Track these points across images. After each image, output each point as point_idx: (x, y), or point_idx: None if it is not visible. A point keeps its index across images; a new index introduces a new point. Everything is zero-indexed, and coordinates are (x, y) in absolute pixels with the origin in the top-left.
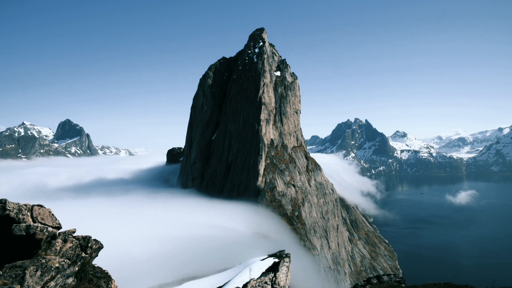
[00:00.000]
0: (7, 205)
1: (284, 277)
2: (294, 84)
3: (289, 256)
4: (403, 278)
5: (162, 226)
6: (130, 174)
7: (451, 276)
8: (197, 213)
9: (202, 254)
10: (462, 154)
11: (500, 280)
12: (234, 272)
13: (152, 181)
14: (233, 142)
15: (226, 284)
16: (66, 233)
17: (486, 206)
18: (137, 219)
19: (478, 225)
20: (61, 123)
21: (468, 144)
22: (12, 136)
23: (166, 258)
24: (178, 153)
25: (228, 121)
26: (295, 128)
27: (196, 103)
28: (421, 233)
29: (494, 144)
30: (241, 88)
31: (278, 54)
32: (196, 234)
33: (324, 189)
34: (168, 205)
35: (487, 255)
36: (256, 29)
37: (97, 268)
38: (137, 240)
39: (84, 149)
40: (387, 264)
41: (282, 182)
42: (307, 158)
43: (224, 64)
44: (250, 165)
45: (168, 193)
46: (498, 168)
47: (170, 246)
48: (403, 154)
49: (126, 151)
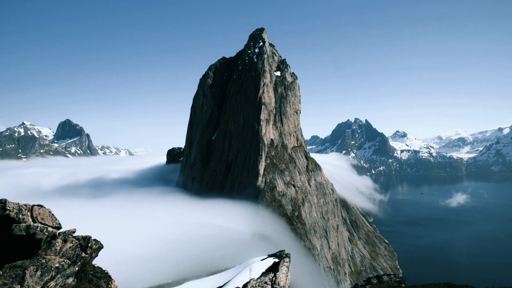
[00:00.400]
0: (7, 205)
1: (284, 277)
2: (294, 84)
3: (289, 256)
4: (403, 278)
5: (162, 226)
6: (130, 174)
7: (451, 276)
8: (197, 213)
9: (202, 254)
10: (462, 154)
11: (500, 280)
12: (234, 272)
13: (152, 181)
14: (233, 142)
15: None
16: (66, 233)
17: (486, 206)
18: (137, 219)
19: (478, 225)
20: (61, 123)
21: (468, 144)
22: (12, 136)
23: (166, 258)
24: (178, 153)
25: (228, 121)
26: (295, 128)
27: (196, 103)
28: (421, 233)
29: (494, 144)
30: (241, 88)
31: (278, 54)
32: (196, 234)
33: (324, 189)
34: (168, 205)
35: (487, 255)
36: (256, 29)
37: (97, 268)
38: (137, 240)
39: (84, 149)
40: (387, 264)
41: (282, 182)
42: (307, 158)
43: (224, 64)
44: (250, 165)
45: (167, 193)
46: (498, 168)
47: (170, 246)
48: (403, 154)
49: (126, 151)
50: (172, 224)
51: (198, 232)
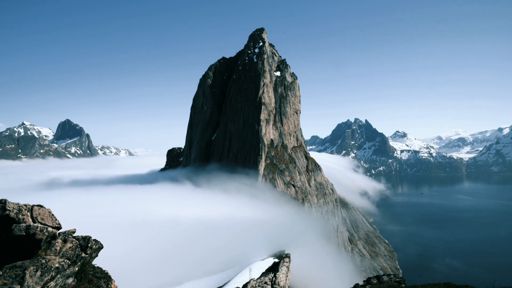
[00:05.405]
0: (7, 205)
1: (284, 277)
2: (294, 84)
3: (289, 256)
4: (403, 278)
5: (161, 226)
6: (130, 174)
7: (451, 276)
8: (197, 213)
9: (202, 254)
10: (462, 154)
11: (500, 280)
12: (234, 272)
13: (152, 181)
14: (233, 142)
15: (226, 284)
16: (66, 233)
17: (486, 206)
18: (137, 219)
19: (478, 225)
20: (61, 123)
21: (468, 144)
22: (12, 136)
23: (166, 258)
24: (178, 153)
25: (228, 121)
26: (295, 128)
27: (196, 103)
28: (421, 233)
29: (494, 144)
30: (241, 88)
31: (278, 54)
32: (195, 234)
33: (324, 189)
34: (168, 205)
35: (487, 255)
36: (256, 29)
37: (97, 268)
38: (136, 240)
39: (84, 149)
40: (387, 264)
41: (282, 182)
42: (307, 158)
43: (224, 64)
44: (250, 165)
45: (167, 193)
46: (498, 168)
47: (170, 246)
48: (403, 154)
49: (126, 151)
50: (171, 224)
51: (197, 232)
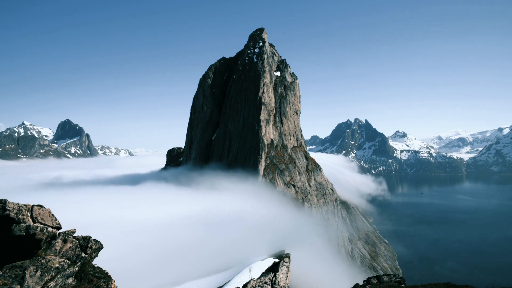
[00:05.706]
0: (7, 205)
1: (284, 277)
2: (294, 84)
3: (289, 256)
4: (403, 278)
5: (161, 226)
6: (130, 174)
7: (451, 276)
8: (197, 213)
9: (202, 254)
10: (462, 154)
11: (500, 280)
12: (234, 272)
13: (152, 181)
14: (233, 142)
15: (226, 284)
16: (66, 233)
17: (486, 206)
18: (137, 219)
19: (478, 225)
20: (61, 123)
21: (468, 144)
22: (12, 136)
23: (166, 258)
24: (178, 153)
25: (228, 121)
26: (295, 128)
27: (196, 103)
28: (421, 233)
29: (494, 144)
30: (241, 88)
31: (278, 54)
32: (195, 234)
33: (324, 189)
34: (168, 205)
35: (487, 255)
36: (256, 29)
37: (97, 268)
38: (136, 240)
39: (84, 149)
40: (387, 264)
41: (282, 182)
42: (307, 158)
43: (224, 64)
44: (250, 165)
45: (167, 193)
46: (498, 168)
47: (170, 245)
48: (403, 154)
49: (126, 151)
50: (171, 224)
51: (197, 232)
